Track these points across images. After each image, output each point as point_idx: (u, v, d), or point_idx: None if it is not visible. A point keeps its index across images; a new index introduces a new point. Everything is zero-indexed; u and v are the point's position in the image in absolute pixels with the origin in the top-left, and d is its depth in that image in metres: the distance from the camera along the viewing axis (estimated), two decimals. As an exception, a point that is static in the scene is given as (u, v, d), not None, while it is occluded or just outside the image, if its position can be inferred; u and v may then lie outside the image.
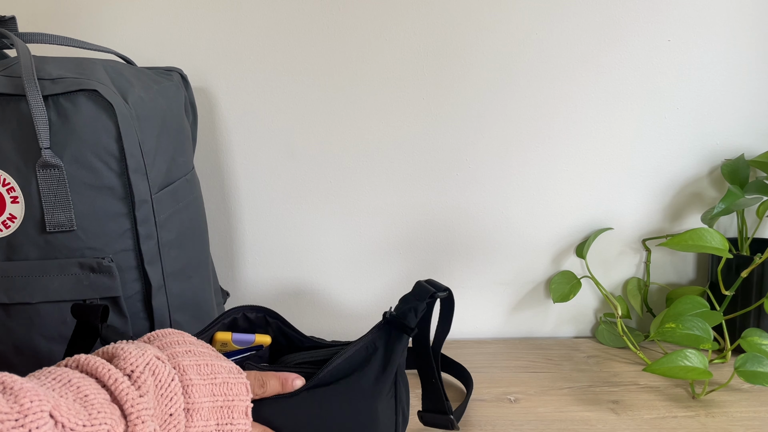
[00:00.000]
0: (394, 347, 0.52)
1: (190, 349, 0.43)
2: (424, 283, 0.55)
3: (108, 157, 0.54)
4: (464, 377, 0.74)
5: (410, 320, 0.52)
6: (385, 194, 0.84)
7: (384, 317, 0.54)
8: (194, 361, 0.42)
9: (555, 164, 0.83)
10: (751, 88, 0.81)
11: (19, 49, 0.54)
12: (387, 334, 0.53)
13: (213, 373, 0.42)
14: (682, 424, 0.65)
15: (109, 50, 0.68)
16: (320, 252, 0.86)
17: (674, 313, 0.74)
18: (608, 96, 0.81)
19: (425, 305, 0.53)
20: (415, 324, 0.52)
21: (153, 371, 0.37)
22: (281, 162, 0.82)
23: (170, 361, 0.40)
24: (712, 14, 0.78)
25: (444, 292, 0.54)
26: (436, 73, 0.80)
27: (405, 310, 0.53)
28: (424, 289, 0.54)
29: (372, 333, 0.53)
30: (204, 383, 0.41)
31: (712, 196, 0.85)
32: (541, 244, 0.86)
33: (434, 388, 0.60)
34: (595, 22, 0.78)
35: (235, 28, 0.78)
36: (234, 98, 0.80)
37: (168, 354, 0.41)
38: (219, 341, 0.57)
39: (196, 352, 0.43)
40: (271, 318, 0.60)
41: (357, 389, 0.50)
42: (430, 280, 0.56)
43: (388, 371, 0.52)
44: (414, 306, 0.53)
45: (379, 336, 0.53)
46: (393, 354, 0.52)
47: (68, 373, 0.36)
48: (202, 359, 0.43)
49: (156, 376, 0.37)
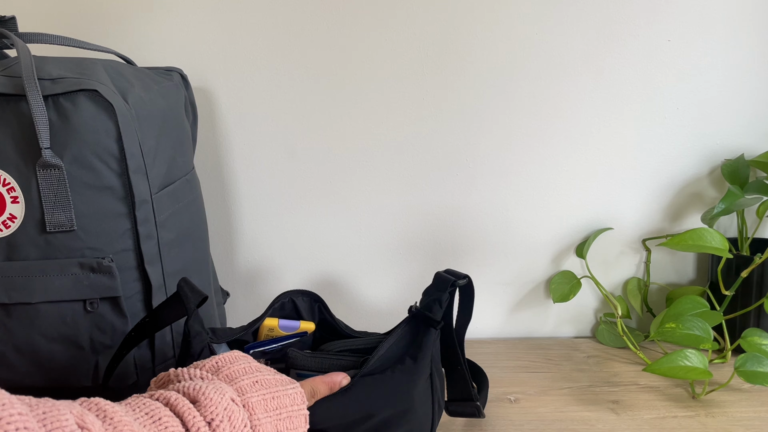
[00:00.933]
0: (422, 341, 0.54)
1: (257, 379, 0.45)
2: (443, 273, 0.57)
3: (108, 157, 0.54)
4: (479, 377, 0.74)
5: (436, 312, 0.55)
6: (385, 194, 0.84)
7: (410, 312, 0.56)
8: (261, 395, 0.45)
9: (555, 164, 0.83)
10: (751, 88, 0.81)
11: (19, 49, 0.54)
12: (415, 328, 0.55)
13: (278, 408, 0.45)
14: (682, 424, 0.65)
15: (110, 50, 0.68)
16: (320, 252, 0.86)
17: (674, 313, 0.74)
18: (608, 96, 0.81)
19: (448, 294, 0.56)
20: (441, 315, 0.55)
21: (229, 418, 0.41)
22: (281, 162, 0.82)
23: (240, 397, 0.43)
24: (712, 14, 0.78)
25: (464, 280, 0.57)
26: (437, 72, 0.80)
27: (429, 302, 0.55)
28: (445, 279, 0.56)
29: (401, 327, 0.55)
30: (270, 420, 0.44)
31: (712, 196, 0.85)
32: (541, 244, 0.86)
33: (460, 375, 0.61)
34: (595, 22, 0.78)
35: (235, 28, 0.78)
36: (234, 98, 0.80)
37: (237, 388, 0.44)
38: (267, 327, 0.59)
39: (262, 382, 0.45)
40: (316, 303, 0.63)
41: (395, 380, 0.52)
42: (448, 269, 0.58)
43: (422, 363, 0.53)
44: (437, 297, 0.55)
45: (409, 330, 0.55)
46: (424, 347, 0.54)
47: (160, 410, 0.39)
48: (269, 391, 0.45)
49: (232, 422, 0.41)
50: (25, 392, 0.62)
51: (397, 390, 0.51)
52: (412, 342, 0.54)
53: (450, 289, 0.56)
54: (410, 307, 0.57)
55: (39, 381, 0.58)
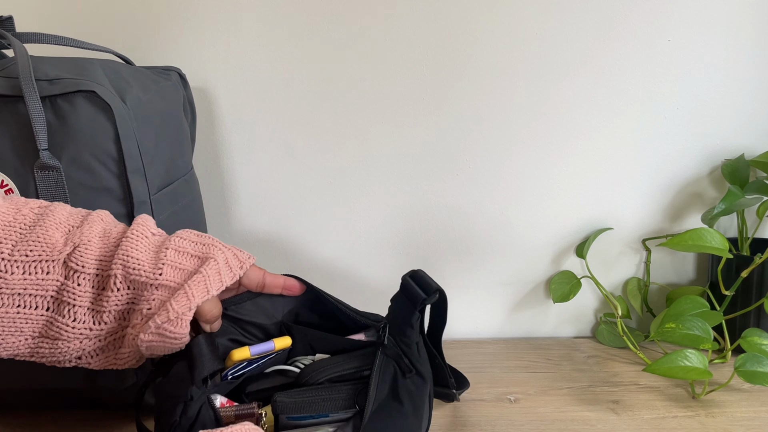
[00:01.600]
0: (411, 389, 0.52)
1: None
2: (412, 283, 0.54)
3: (106, 158, 0.54)
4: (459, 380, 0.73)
5: (410, 335, 0.53)
6: (385, 194, 0.84)
7: (379, 339, 0.54)
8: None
9: (555, 164, 0.83)
10: (751, 88, 0.81)
11: (16, 49, 0.54)
12: (387, 363, 0.53)
13: None
14: (682, 424, 0.65)
15: (108, 50, 0.68)
16: (320, 252, 0.86)
17: (674, 313, 0.74)
18: (608, 96, 0.81)
19: (418, 314, 0.53)
20: (415, 340, 0.53)
21: None
22: (281, 162, 0.82)
23: None
24: (712, 14, 0.78)
25: (434, 296, 0.53)
26: (437, 73, 0.80)
27: (401, 326, 0.53)
28: (414, 296, 0.53)
29: (378, 362, 0.52)
30: None
31: (712, 196, 0.85)
32: (541, 244, 0.86)
33: (438, 368, 0.61)
34: (595, 22, 0.78)
35: (235, 27, 0.78)
36: (233, 98, 0.80)
37: None
38: (236, 361, 0.52)
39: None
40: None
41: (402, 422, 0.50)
42: (416, 275, 0.55)
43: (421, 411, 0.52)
44: (408, 319, 0.53)
45: (384, 364, 0.53)
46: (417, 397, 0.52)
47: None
48: None
49: None
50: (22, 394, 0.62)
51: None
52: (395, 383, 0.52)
53: (420, 307, 0.53)
54: (379, 335, 0.54)
55: (38, 382, 0.58)
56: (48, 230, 0.46)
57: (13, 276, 0.44)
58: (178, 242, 0.50)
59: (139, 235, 0.49)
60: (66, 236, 0.47)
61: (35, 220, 0.47)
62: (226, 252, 0.52)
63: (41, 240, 0.45)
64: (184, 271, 0.49)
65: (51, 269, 0.45)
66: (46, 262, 0.45)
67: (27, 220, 0.47)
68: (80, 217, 0.49)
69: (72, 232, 0.47)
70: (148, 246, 0.49)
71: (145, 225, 0.50)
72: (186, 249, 0.50)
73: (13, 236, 0.45)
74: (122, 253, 0.47)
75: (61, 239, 0.46)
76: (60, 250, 0.46)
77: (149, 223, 0.51)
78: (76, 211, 0.50)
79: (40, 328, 0.46)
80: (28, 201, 0.48)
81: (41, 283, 0.45)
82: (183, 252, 0.49)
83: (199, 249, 0.50)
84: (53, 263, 0.45)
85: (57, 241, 0.46)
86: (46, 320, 0.46)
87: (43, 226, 0.46)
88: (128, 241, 0.48)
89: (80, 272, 0.46)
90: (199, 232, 0.53)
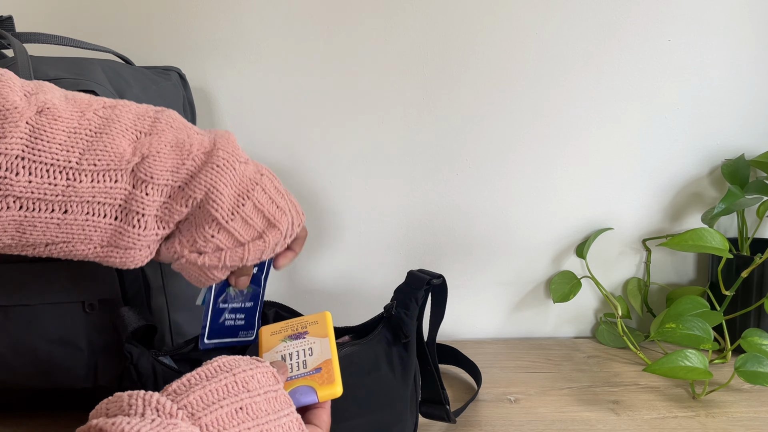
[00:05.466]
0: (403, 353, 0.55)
1: (242, 404, 0.35)
2: (417, 272, 0.57)
3: (106, 158, 0.54)
4: (476, 375, 0.74)
5: (412, 309, 0.55)
6: (385, 194, 0.84)
7: (386, 311, 0.56)
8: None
9: (555, 164, 0.83)
10: (751, 88, 0.81)
11: (16, 49, 0.54)
12: (391, 331, 0.55)
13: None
14: (682, 424, 0.65)
15: (108, 50, 0.68)
16: (320, 252, 0.86)
17: (674, 313, 0.74)
18: (608, 96, 0.81)
19: (423, 292, 0.56)
20: (416, 314, 0.55)
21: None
22: (281, 162, 0.82)
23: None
24: (712, 14, 0.78)
25: (438, 279, 0.57)
26: (437, 73, 0.80)
27: (405, 299, 0.55)
28: (420, 278, 0.56)
29: (379, 330, 0.55)
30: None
31: (712, 196, 0.85)
32: (541, 244, 0.86)
33: (430, 377, 0.60)
34: (595, 23, 0.78)
35: (235, 27, 0.78)
36: (233, 98, 0.80)
37: (206, 425, 0.33)
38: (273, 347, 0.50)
39: (249, 409, 0.35)
40: (285, 312, 0.62)
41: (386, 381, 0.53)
42: (421, 269, 0.58)
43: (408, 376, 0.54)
44: (414, 295, 0.55)
45: (384, 334, 0.55)
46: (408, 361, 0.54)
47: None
48: (256, 424, 0.34)
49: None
50: (24, 394, 0.62)
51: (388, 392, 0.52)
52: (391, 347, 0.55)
53: (426, 287, 0.56)
54: (386, 307, 0.56)
55: (38, 383, 0.58)
56: (115, 138, 0.44)
57: (81, 184, 0.43)
58: (259, 195, 0.49)
59: (228, 165, 0.47)
60: (134, 144, 0.45)
61: (101, 124, 0.45)
62: (293, 218, 0.52)
63: (108, 149, 0.44)
64: (251, 230, 0.49)
65: (119, 177, 0.44)
66: (114, 171, 0.44)
67: (92, 125, 0.44)
68: (149, 120, 0.47)
69: (140, 139, 0.46)
70: (233, 180, 0.48)
71: (234, 153, 0.48)
72: (262, 206, 0.49)
73: (80, 144, 0.43)
74: (209, 182, 0.46)
75: (129, 148, 0.45)
76: (128, 159, 0.44)
77: (237, 150, 0.49)
78: (143, 111, 0.48)
79: (109, 237, 0.46)
80: (92, 102, 0.46)
81: (109, 191, 0.44)
82: (258, 210, 0.49)
83: (273, 211, 0.50)
84: (121, 172, 0.44)
85: (125, 150, 0.44)
86: (114, 229, 0.45)
87: (109, 134, 0.44)
88: (217, 171, 0.47)
89: (148, 182, 0.45)
90: (277, 181, 0.52)
